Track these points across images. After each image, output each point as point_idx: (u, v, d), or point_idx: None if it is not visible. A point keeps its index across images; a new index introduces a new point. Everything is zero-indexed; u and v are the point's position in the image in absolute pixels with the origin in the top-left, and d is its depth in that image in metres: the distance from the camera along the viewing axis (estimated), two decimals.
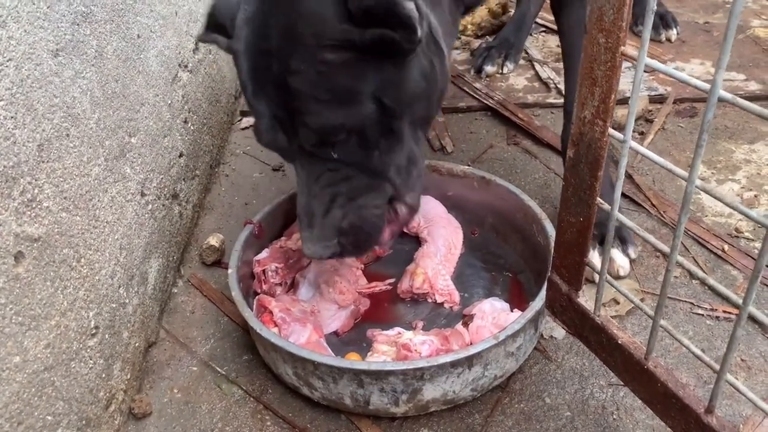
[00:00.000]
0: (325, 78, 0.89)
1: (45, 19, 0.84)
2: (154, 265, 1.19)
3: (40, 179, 0.83)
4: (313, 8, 0.87)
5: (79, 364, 0.92)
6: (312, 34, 0.87)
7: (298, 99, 0.91)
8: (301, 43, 0.88)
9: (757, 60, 1.87)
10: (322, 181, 0.98)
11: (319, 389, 1.01)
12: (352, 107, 0.92)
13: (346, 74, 0.90)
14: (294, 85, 0.89)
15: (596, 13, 0.67)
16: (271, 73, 0.91)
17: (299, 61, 0.88)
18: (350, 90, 0.91)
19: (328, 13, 0.87)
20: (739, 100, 0.56)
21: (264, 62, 0.91)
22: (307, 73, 0.89)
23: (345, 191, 0.99)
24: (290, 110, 0.92)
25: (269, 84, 0.92)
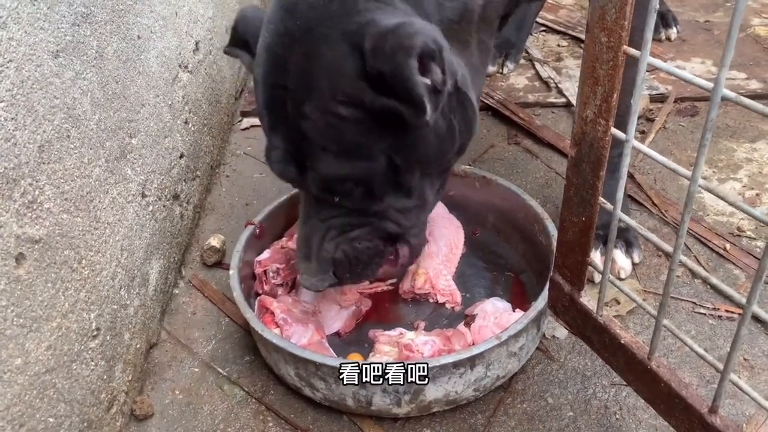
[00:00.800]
0: (334, 130, 0.87)
1: (45, 20, 0.84)
2: (155, 267, 1.19)
3: (40, 181, 0.82)
4: (332, 59, 0.85)
5: (81, 366, 0.92)
6: (327, 86, 0.85)
7: (308, 143, 0.90)
8: (315, 91, 0.86)
9: (758, 59, 1.86)
10: (322, 215, 0.98)
11: (321, 390, 1.01)
12: (360, 161, 0.91)
13: (356, 130, 0.88)
14: (304, 129, 0.88)
15: (598, 12, 0.67)
16: (286, 109, 0.89)
17: (312, 108, 0.87)
18: (359, 145, 0.89)
19: (346, 66, 0.84)
20: (743, 98, 0.56)
21: (280, 96, 0.89)
22: (317, 122, 0.87)
23: (340, 225, 0.99)
24: (300, 150, 0.91)
25: (283, 119, 0.90)
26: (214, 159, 1.59)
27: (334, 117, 0.86)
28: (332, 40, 0.84)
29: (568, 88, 1.79)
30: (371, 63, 0.82)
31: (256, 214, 1.27)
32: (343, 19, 0.84)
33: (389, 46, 0.80)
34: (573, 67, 1.90)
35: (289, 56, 0.87)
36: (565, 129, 1.66)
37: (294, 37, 0.86)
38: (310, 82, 0.86)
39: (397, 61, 0.80)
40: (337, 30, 0.84)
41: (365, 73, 0.83)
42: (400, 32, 0.80)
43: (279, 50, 0.89)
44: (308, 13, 0.86)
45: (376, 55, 0.81)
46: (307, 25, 0.85)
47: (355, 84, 0.84)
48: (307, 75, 0.86)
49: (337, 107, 0.86)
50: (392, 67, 0.80)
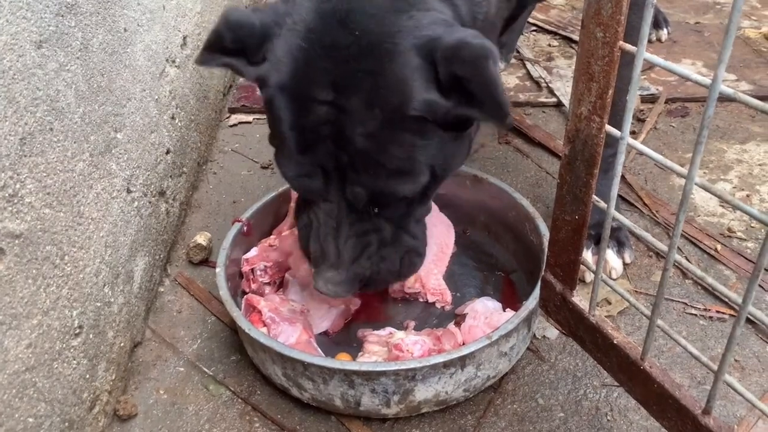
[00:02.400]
0: (395, 147, 0.86)
1: (28, 10, 0.82)
2: (140, 264, 1.17)
3: (22, 174, 0.80)
4: (402, 74, 0.82)
5: (62, 365, 0.90)
6: (398, 101, 0.83)
7: (362, 161, 0.87)
8: (382, 107, 0.83)
9: (748, 60, 1.87)
10: (355, 228, 0.95)
11: (308, 390, 0.99)
12: (411, 177, 0.90)
13: (417, 145, 0.87)
14: (362, 146, 0.85)
15: (594, 7, 0.66)
16: (333, 126, 0.85)
17: (375, 126, 0.84)
18: (416, 160, 0.88)
19: (416, 78, 0.82)
20: (741, 95, 0.55)
21: (323, 113, 0.85)
22: (381, 139, 0.85)
23: (377, 241, 0.97)
24: (343, 166, 0.88)
25: (322, 135, 0.86)
26: (201, 155, 1.57)
27: (400, 133, 0.85)
28: (401, 54, 0.82)
29: (558, 87, 1.79)
30: (448, 70, 0.81)
31: (244, 211, 1.25)
32: (413, 33, 0.82)
33: (467, 53, 0.80)
34: (564, 67, 1.90)
35: (342, 71, 0.83)
36: (556, 129, 1.65)
37: (350, 52, 0.82)
38: (375, 100, 0.83)
39: (478, 65, 0.79)
40: (407, 44, 0.82)
41: (437, 83, 0.83)
42: (476, 42, 0.80)
43: (325, 63, 0.83)
44: (372, 27, 0.82)
45: (453, 62, 0.80)
46: (370, 40, 0.82)
47: (427, 97, 0.83)
48: (372, 92, 0.83)
49: (406, 122, 0.84)
50: (474, 72, 0.80)
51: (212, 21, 1.63)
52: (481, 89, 0.80)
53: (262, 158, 1.61)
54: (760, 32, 2.01)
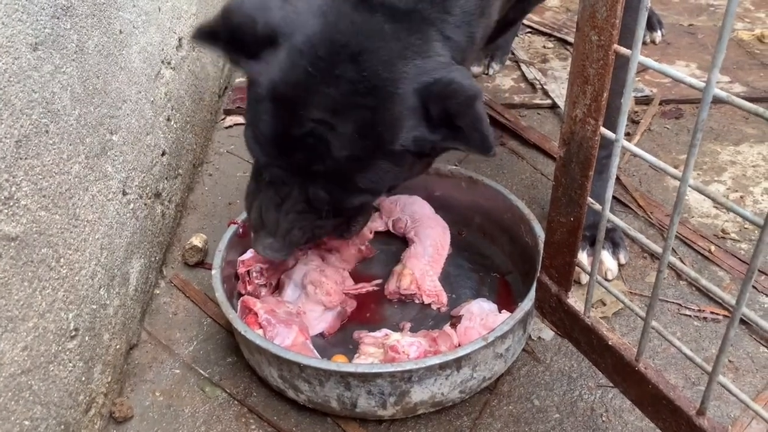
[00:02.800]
0: (374, 172, 0.95)
1: (23, 12, 0.82)
2: (136, 266, 1.17)
3: (17, 176, 0.80)
4: (399, 111, 0.90)
5: (58, 367, 0.89)
6: (387, 137, 0.92)
7: (337, 177, 0.95)
8: (374, 139, 0.91)
9: (741, 62, 1.88)
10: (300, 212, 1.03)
11: (304, 392, 0.99)
12: (373, 194, 1.02)
13: (391, 171, 0.96)
14: (343, 166, 0.93)
15: (589, 11, 0.66)
16: (317, 139, 0.91)
17: (363, 153, 0.92)
18: (384, 183, 0.99)
19: (408, 118, 0.91)
20: (734, 98, 0.55)
21: (315, 129, 0.91)
22: (363, 163, 0.94)
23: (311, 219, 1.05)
24: (316, 173, 0.95)
25: (304, 146, 0.93)
26: (196, 157, 1.57)
27: (384, 161, 0.94)
28: (401, 97, 0.90)
29: (553, 89, 1.79)
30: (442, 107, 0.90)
31: (239, 213, 1.25)
32: (415, 78, 0.90)
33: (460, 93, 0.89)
34: (559, 69, 1.91)
35: (344, 101, 0.89)
36: (551, 130, 1.66)
37: (357, 87, 0.89)
38: (370, 132, 0.91)
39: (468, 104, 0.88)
40: (408, 88, 0.90)
41: (428, 120, 0.92)
42: (466, 83, 0.89)
43: (328, 90, 0.89)
44: (380, 71, 0.89)
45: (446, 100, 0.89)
46: (376, 84, 0.89)
47: (417, 133, 0.92)
48: (369, 125, 0.90)
49: (391, 154, 0.93)
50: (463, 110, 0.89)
51: None
52: (469, 125, 0.89)
53: None
54: (753, 34, 2.02)
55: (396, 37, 0.90)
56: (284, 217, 1.03)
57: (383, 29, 0.89)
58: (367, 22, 0.89)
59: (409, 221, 1.29)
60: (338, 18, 0.90)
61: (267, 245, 1.06)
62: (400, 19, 0.90)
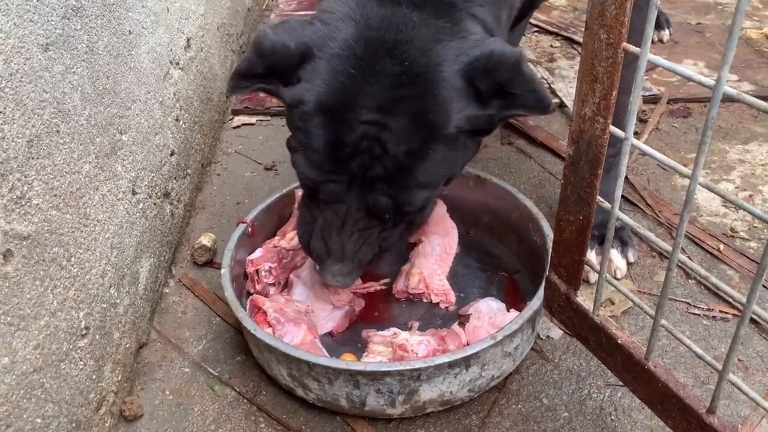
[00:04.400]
0: (432, 162, 0.94)
1: (35, 13, 0.82)
2: (146, 265, 1.18)
3: (29, 176, 0.81)
4: (447, 94, 0.90)
5: (69, 366, 0.90)
6: (440, 122, 0.91)
7: (397, 174, 0.93)
8: (426, 128, 0.91)
9: (749, 61, 1.87)
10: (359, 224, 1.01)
11: (314, 390, 1.00)
12: (433, 188, 0.99)
13: (448, 157, 0.95)
14: (402, 161, 0.92)
15: (598, 9, 0.67)
16: (371, 141, 0.91)
17: (418, 143, 0.91)
18: (440, 173, 0.97)
19: (457, 100, 0.91)
20: (745, 95, 0.55)
21: (361, 130, 0.91)
22: (420, 154, 0.92)
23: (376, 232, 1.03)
24: (373, 176, 0.94)
25: (359, 150, 0.92)
26: (205, 157, 1.57)
27: (441, 148, 0.93)
28: (446, 80, 0.90)
29: (561, 88, 1.79)
30: (489, 80, 0.90)
31: (248, 212, 1.26)
32: (455, 60, 0.91)
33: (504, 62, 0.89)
34: (566, 68, 1.91)
35: (389, 95, 0.90)
36: (558, 129, 1.66)
37: (400, 80, 0.89)
38: (422, 122, 0.91)
39: (515, 69, 0.89)
40: (450, 70, 0.90)
41: (477, 98, 0.92)
42: (506, 50, 0.89)
43: (372, 89, 0.90)
44: (418, 58, 0.90)
45: (492, 73, 0.89)
46: (418, 70, 0.90)
47: (469, 112, 0.92)
48: (417, 115, 0.90)
49: (446, 138, 0.92)
50: (512, 76, 0.89)
51: (215, 23, 1.64)
52: (522, 88, 0.90)
53: (265, 160, 1.62)
54: (762, 32, 2.01)
55: (425, 23, 0.91)
56: (348, 239, 1.01)
57: (412, 18, 0.91)
58: (396, 14, 0.91)
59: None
60: (368, 17, 0.91)
61: (337, 272, 1.03)
62: (424, 6, 0.92)
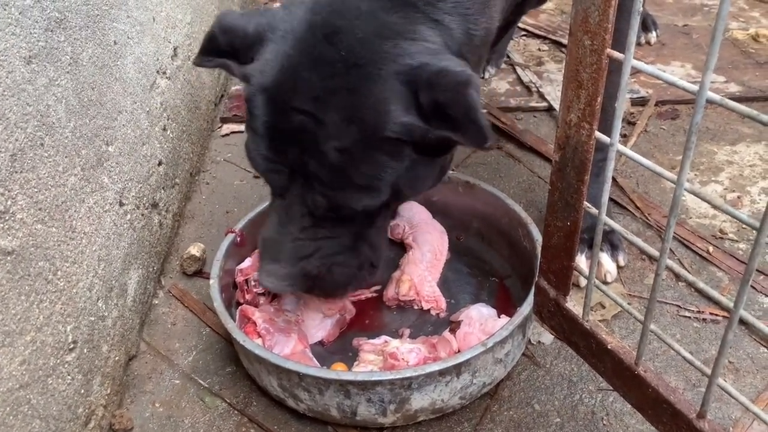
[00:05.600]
0: (365, 165, 0.88)
1: (17, 26, 0.82)
2: (134, 277, 1.17)
3: (13, 190, 0.80)
4: (382, 94, 0.85)
5: (57, 381, 0.89)
6: (375, 122, 0.85)
7: (330, 173, 0.89)
8: (359, 125, 0.86)
9: (736, 62, 1.88)
10: (307, 231, 0.97)
11: (304, 401, 0.99)
12: (373, 194, 0.92)
13: (388, 166, 0.89)
14: (333, 160, 0.87)
15: (581, 15, 0.67)
16: (306, 134, 0.87)
17: (351, 142, 0.86)
18: (382, 179, 0.90)
19: (397, 101, 0.85)
20: (728, 101, 0.55)
21: (299, 120, 0.87)
22: (353, 156, 0.87)
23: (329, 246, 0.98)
24: (310, 173, 0.90)
25: (298, 142, 0.89)
26: (193, 166, 1.57)
27: (374, 152, 0.87)
28: (384, 78, 0.85)
29: (549, 92, 1.79)
30: (429, 96, 0.84)
31: (237, 221, 1.25)
32: (396, 60, 0.85)
33: (448, 81, 0.83)
34: (554, 71, 1.91)
35: (324, 85, 0.86)
36: (547, 133, 1.66)
37: (336, 68, 0.85)
38: (354, 117, 0.86)
39: (459, 91, 0.83)
40: (390, 70, 0.85)
41: (417, 108, 0.85)
42: (457, 70, 0.84)
43: (308, 75, 0.86)
44: (357, 50, 0.85)
45: (435, 89, 0.83)
46: (356, 61, 0.85)
47: (407, 119, 0.86)
48: (351, 110, 0.85)
49: (381, 144, 0.87)
50: (455, 98, 0.83)
51: (202, 31, 1.63)
52: (462, 115, 0.83)
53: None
54: (748, 33, 2.02)
55: (372, 15, 0.86)
56: (289, 239, 0.96)
57: (359, 7, 0.87)
58: (344, 2, 0.87)
59: (407, 227, 1.29)
60: (318, 1, 0.89)
61: (271, 272, 0.98)
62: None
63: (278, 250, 0.98)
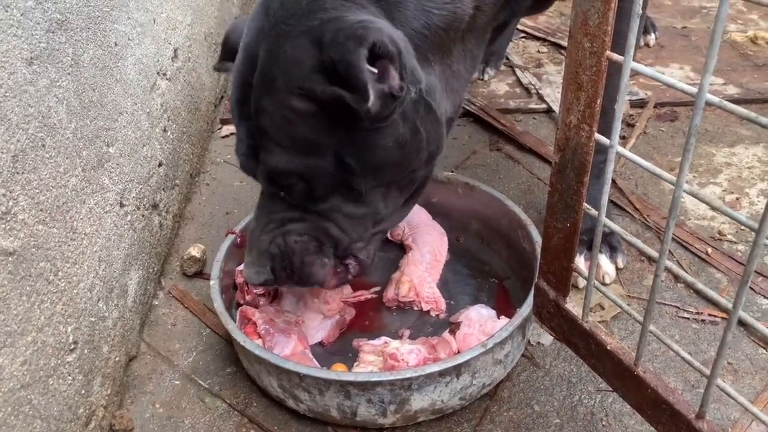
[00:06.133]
0: (287, 123, 0.89)
1: (18, 27, 0.82)
2: (134, 277, 1.17)
3: (14, 191, 0.80)
4: (291, 54, 0.87)
5: (58, 381, 0.89)
6: (284, 80, 0.87)
7: (262, 136, 0.92)
8: (273, 85, 0.88)
9: (735, 64, 1.89)
10: (269, 209, 0.99)
11: (305, 401, 0.99)
12: (307, 157, 0.91)
13: (308, 124, 0.88)
14: (261, 122, 0.90)
15: (581, 17, 0.67)
16: (249, 105, 0.91)
17: (269, 102, 0.89)
18: (309, 141, 0.90)
19: (305, 60, 0.86)
20: (726, 103, 0.56)
21: (246, 93, 0.92)
22: (273, 115, 0.89)
23: (279, 219, 0.99)
24: (256, 144, 0.93)
25: (247, 114, 0.92)
26: (193, 167, 1.57)
27: (288, 110, 0.88)
28: (293, 36, 0.86)
29: (548, 93, 1.80)
30: (326, 53, 0.83)
31: (237, 222, 1.25)
32: (308, 16, 0.86)
33: (342, 35, 0.82)
34: (553, 73, 1.91)
35: (258, 53, 0.90)
36: (547, 135, 1.66)
37: (263, 33, 0.89)
38: (269, 77, 0.88)
39: (346, 47, 0.81)
40: (300, 26, 0.86)
41: (322, 66, 0.85)
42: (357, 25, 0.82)
43: (252, 48, 0.91)
44: (278, 12, 0.88)
45: (330, 45, 0.83)
46: (274, 23, 0.88)
47: (311, 77, 0.86)
48: (267, 70, 0.88)
49: (292, 100, 0.87)
50: (341, 54, 0.82)
51: (202, 33, 1.64)
52: (343, 70, 0.82)
53: None
54: (747, 36, 2.03)
55: None
56: (260, 226, 0.99)
57: None
58: None
59: (407, 228, 1.30)
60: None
61: (247, 264, 1.01)
62: None
63: (256, 241, 1.00)
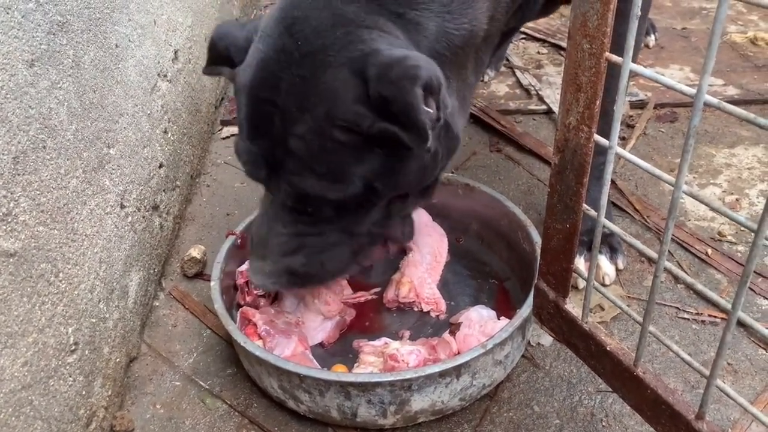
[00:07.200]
0: (324, 152, 0.88)
1: (19, 29, 0.82)
2: (135, 279, 1.17)
3: (15, 192, 0.80)
4: (333, 85, 0.85)
5: (58, 382, 0.90)
6: (325, 110, 0.86)
7: (292, 160, 0.90)
8: (311, 113, 0.86)
9: (735, 65, 1.89)
10: (289, 226, 0.98)
11: (305, 402, 1.00)
12: (339, 185, 0.91)
13: (346, 155, 0.89)
14: (293, 147, 0.89)
15: (580, 19, 0.67)
16: (272, 124, 0.89)
17: (306, 130, 0.87)
18: (344, 170, 0.90)
19: (347, 92, 0.85)
20: (725, 104, 0.56)
21: (267, 111, 0.89)
22: (309, 143, 0.88)
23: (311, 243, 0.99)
24: (280, 162, 0.92)
25: (266, 132, 0.91)
26: (194, 168, 1.57)
27: (328, 140, 0.87)
28: (334, 66, 0.85)
29: (548, 95, 1.80)
30: (375, 88, 0.83)
31: (237, 224, 1.26)
32: (348, 47, 0.85)
33: (395, 73, 0.81)
34: (553, 74, 1.92)
35: (284, 75, 0.87)
36: (547, 136, 1.66)
37: (292, 57, 0.87)
38: (306, 105, 0.86)
39: (402, 87, 0.81)
40: (341, 57, 0.85)
41: (367, 99, 0.84)
42: (406, 62, 0.81)
43: (273, 66, 0.89)
44: (311, 38, 0.86)
45: (381, 81, 0.82)
46: (309, 49, 0.86)
47: (355, 109, 0.85)
48: (303, 97, 0.86)
49: (333, 131, 0.86)
50: (397, 93, 0.81)
51: (203, 34, 1.64)
52: (402, 113, 0.82)
53: None
54: (746, 37, 2.03)
55: (328, 4, 0.87)
56: (276, 238, 0.98)
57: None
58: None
59: None
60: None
61: (258, 269, 1.00)
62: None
63: (264, 246, 0.99)
